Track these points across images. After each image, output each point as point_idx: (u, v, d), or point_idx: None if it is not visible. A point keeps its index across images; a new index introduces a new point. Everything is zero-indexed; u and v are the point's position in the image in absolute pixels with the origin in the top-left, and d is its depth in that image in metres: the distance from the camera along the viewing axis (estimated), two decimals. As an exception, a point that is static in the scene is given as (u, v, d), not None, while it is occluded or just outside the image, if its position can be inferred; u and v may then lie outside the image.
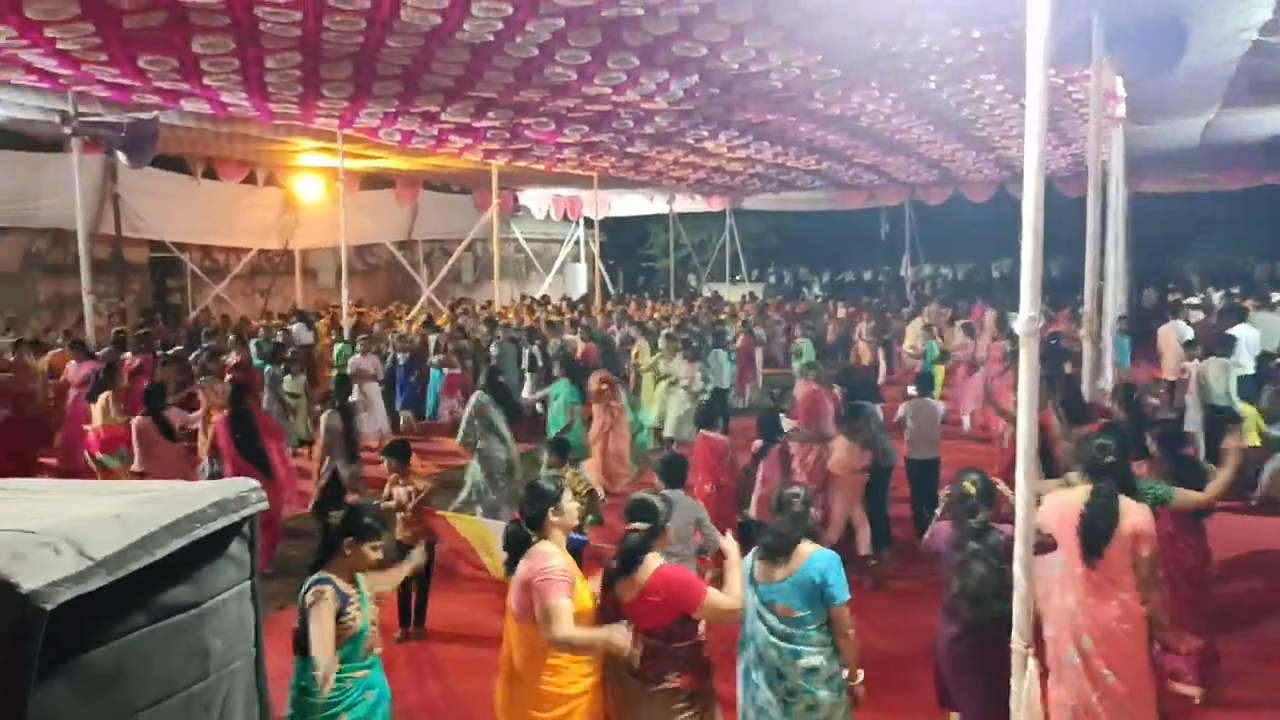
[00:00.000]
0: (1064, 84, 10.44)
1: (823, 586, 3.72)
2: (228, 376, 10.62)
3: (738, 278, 29.64)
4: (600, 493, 6.67)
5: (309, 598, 3.61)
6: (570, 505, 3.81)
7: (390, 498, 6.34)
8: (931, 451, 8.14)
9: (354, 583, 3.81)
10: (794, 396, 8.70)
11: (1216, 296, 17.88)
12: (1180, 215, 25.72)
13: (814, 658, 3.75)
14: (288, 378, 11.45)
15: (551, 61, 8.62)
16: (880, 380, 13.49)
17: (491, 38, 7.80)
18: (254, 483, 2.42)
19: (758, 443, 7.32)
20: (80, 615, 1.73)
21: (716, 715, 3.75)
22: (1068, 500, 4.30)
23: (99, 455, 8.64)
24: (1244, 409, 8.23)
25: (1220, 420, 6.91)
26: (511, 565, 3.67)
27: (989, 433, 11.53)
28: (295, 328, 15.80)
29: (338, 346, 14.25)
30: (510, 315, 19.10)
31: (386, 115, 11.28)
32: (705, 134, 13.50)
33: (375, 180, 20.05)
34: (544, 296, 23.79)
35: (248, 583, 2.38)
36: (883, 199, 24.43)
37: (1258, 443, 8.94)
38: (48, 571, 1.69)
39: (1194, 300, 17.73)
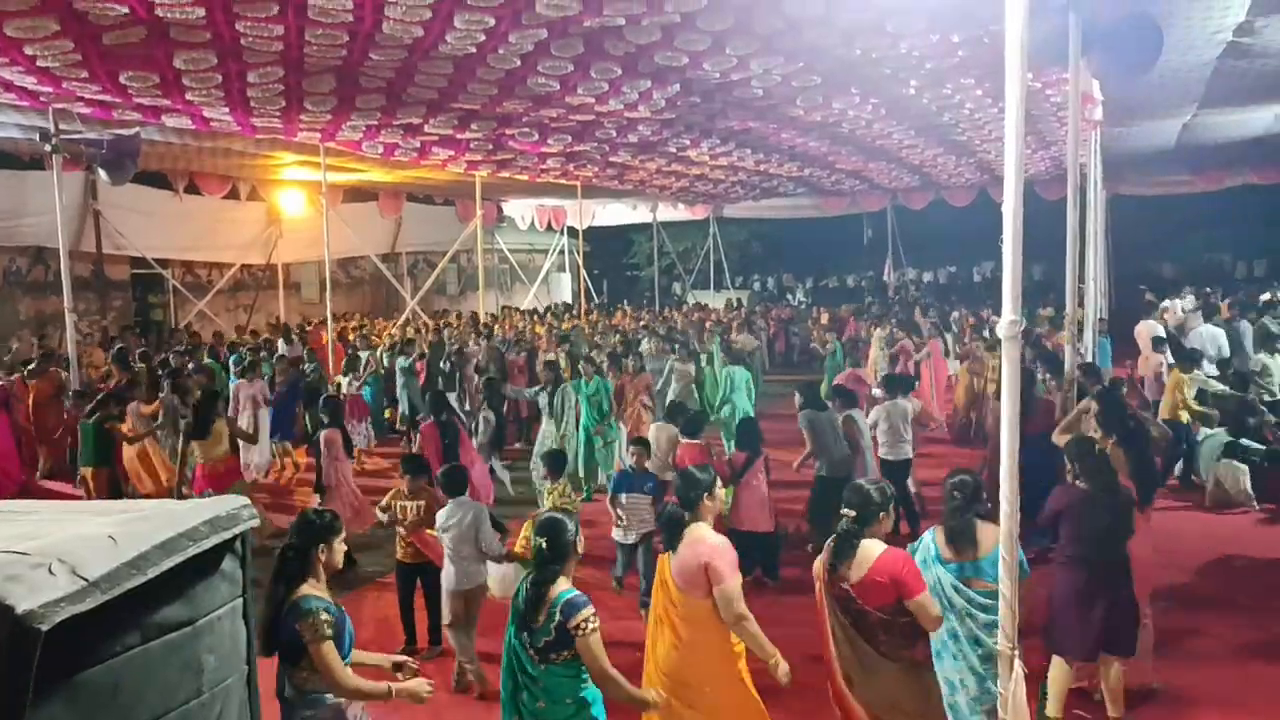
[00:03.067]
0: (1042, 88, 10.53)
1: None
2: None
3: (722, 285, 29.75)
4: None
5: (589, 622, 3.54)
6: (720, 491, 4.22)
7: (388, 508, 6.28)
8: (904, 451, 8.47)
9: None
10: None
11: (1184, 301, 17.95)
12: (1158, 217, 25.93)
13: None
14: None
15: (534, 72, 8.63)
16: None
17: (474, 49, 7.81)
18: (245, 500, 2.43)
19: (740, 454, 7.37)
20: (76, 634, 1.73)
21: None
22: None
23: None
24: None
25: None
26: (668, 543, 4.12)
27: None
28: (280, 343, 15.71)
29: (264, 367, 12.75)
30: (496, 326, 19.07)
31: (369, 128, 11.27)
32: (688, 142, 13.53)
33: (358, 193, 20.02)
34: (533, 308, 23.80)
35: (240, 599, 2.38)
36: (865, 204, 24.50)
37: None
38: (42, 592, 1.69)
39: (1178, 303, 17.87)
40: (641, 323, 19.41)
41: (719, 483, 4.23)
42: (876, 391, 9.92)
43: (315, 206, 17.56)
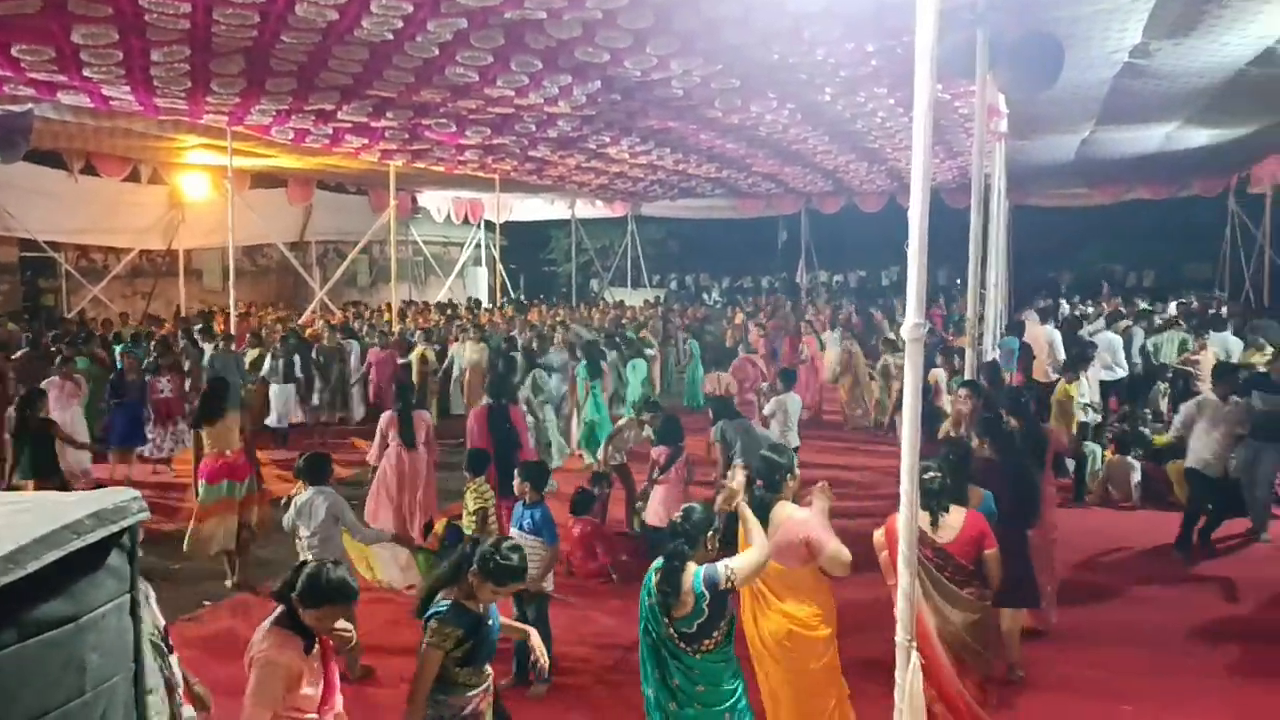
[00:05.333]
0: (950, 99, 10.86)
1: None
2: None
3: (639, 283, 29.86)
4: (492, 514, 6.40)
5: (730, 569, 3.73)
6: (798, 470, 4.59)
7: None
8: (792, 441, 9.00)
9: None
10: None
11: (1066, 308, 18.75)
12: (1057, 227, 27.03)
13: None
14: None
15: (453, 62, 8.53)
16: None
17: (391, 36, 7.68)
18: (134, 492, 2.33)
19: (661, 449, 7.39)
20: (-55, 632, 1.65)
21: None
22: None
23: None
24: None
25: None
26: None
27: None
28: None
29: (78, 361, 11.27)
30: (411, 320, 18.75)
31: (279, 113, 10.96)
32: (607, 140, 13.54)
33: (267, 178, 19.44)
34: (448, 300, 23.48)
35: (127, 595, 2.29)
36: (780, 207, 24.94)
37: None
38: (-92, 587, 1.60)
39: (1083, 309, 18.65)
40: (558, 319, 19.33)
41: (796, 460, 4.62)
42: (764, 385, 10.79)
43: (220, 191, 16.97)
